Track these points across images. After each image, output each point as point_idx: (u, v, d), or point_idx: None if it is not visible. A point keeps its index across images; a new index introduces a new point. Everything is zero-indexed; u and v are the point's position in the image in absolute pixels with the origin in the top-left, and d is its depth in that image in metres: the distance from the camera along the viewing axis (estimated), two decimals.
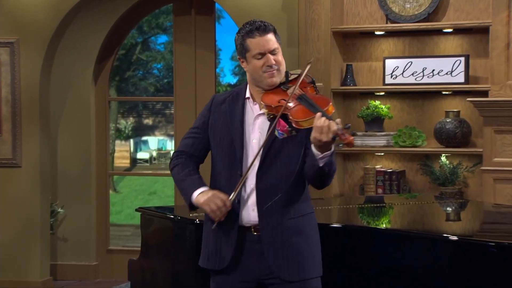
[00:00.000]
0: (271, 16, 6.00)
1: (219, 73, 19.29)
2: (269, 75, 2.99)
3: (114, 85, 15.77)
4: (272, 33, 3.03)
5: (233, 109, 3.06)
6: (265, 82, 3.00)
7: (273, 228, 2.96)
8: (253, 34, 3.00)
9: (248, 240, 3.00)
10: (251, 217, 3.00)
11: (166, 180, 16.20)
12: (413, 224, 4.21)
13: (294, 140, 2.96)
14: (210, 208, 2.93)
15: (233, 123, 3.03)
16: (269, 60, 2.99)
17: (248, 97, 3.06)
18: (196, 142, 3.14)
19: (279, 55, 3.03)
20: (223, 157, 3.04)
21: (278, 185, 2.97)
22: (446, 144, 5.52)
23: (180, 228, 3.99)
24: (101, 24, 6.55)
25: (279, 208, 2.97)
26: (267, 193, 2.97)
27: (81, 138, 6.63)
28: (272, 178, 2.97)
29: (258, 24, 3.01)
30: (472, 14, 5.55)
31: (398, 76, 5.63)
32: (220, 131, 3.06)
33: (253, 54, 3.00)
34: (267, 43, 2.99)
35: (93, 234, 6.70)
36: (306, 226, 3.02)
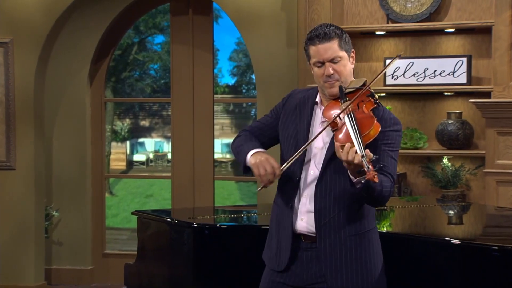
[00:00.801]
0: (270, 16, 6.01)
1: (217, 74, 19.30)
2: (329, 84, 2.99)
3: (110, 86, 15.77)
4: (336, 40, 2.99)
5: (303, 111, 3.06)
6: (326, 92, 3.01)
7: (330, 244, 2.96)
8: (314, 41, 2.98)
9: (300, 247, 3.02)
10: (298, 226, 3.01)
11: (163, 183, 16.21)
12: (415, 228, 4.21)
13: None
14: (258, 171, 2.95)
15: (300, 126, 3.04)
16: (326, 70, 2.97)
17: (317, 102, 3.07)
18: (264, 128, 3.18)
19: (340, 64, 3.00)
20: (288, 154, 3.04)
21: (336, 201, 2.96)
22: (448, 146, 5.52)
23: (178, 232, 3.99)
24: (96, 24, 6.55)
25: (337, 224, 2.96)
26: (325, 207, 2.96)
27: (76, 140, 6.63)
28: (330, 193, 2.96)
29: (319, 31, 2.98)
30: (474, 13, 5.56)
31: (399, 77, 5.64)
32: (288, 129, 3.07)
33: (313, 61, 3.00)
34: (325, 52, 2.97)
35: (89, 238, 6.70)
36: (367, 243, 3.00)
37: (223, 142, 19.85)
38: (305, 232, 3.00)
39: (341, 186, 2.93)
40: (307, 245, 3.00)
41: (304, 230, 3.00)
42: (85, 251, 6.69)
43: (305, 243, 3.00)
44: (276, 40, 6.02)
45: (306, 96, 3.12)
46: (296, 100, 3.12)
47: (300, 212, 3.00)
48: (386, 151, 2.94)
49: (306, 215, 2.99)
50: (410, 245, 3.50)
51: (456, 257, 3.34)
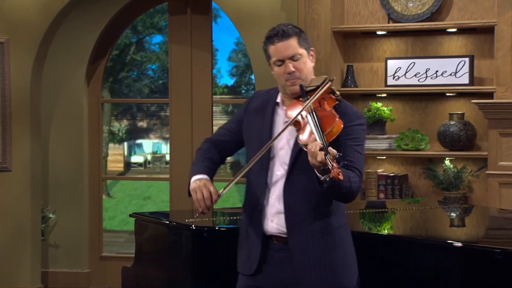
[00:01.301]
0: (270, 15, 6.01)
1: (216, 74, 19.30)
2: (290, 83, 3.00)
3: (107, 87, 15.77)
4: (295, 37, 3.00)
5: (264, 113, 3.09)
6: (288, 91, 3.02)
7: (302, 242, 2.98)
8: (273, 40, 3.00)
9: (272, 248, 3.04)
10: (269, 227, 3.03)
11: (161, 185, 16.20)
12: (416, 230, 4.21)
13: None
14: (195, 196, 2.99)
15: (263, 128, 3.06)
16: (287, 67, 2.99)
17: (278, 103, 3.09)
18: (227, 134, 3.20)
19: (300, 61, 3.00)
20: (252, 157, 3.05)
21: (305, 199, 2.98)
22: (450, 147, 5.52)
23: (176, 234, 3.99)
24: (94, 24, 6.55)
25: (308, 222, 2.98)
26: (294, 207, 2.98)
27: (73, 141, 6.63)
28: (298, 191, 2.98)
29: (278, 29, 3.00)
30: (476, 13, 5.56)
31: (401, 77, 5.64)
32: (252, 132, 3.10)
33: (273, 60, 3.02)
34: (286, 50, 2.98)
35: (86, 241, 6.70)
36: (337, 240, 3.03)
37: None
38: (276, 233, 3.02)
39: (309, 184, 2.94)
40: (279, 246, 3.02)
41: (274, 231, 3.02)
42: (82, 254, 6.69)
43: (277, 244, 3.03)
44: None
45: (267, 97, 3.14)
46: (258, 102, 3.15)
47: (270, 214, 3.03)
48: (351, 146, 2.95)
49: (276, 216, 3.01)
50: (412, 248, 3.50)
51: (458, 260, 3.34)
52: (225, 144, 3.21)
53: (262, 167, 3.02)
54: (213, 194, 2.97)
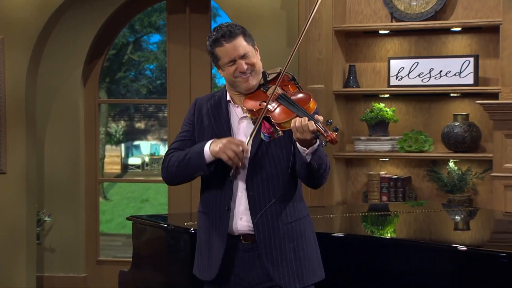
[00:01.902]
0: (270, 14, 6.01)
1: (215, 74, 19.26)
2: (243, 79, 3.03)
3: (104, 87, 15.76)
4: (241, 36, 3.05)
5: (217, 113, 3.11)
6: (242, 87, 3.05)
7: (269, 235, 3.01)
8: (220, 43, 3.03)
9: (239, 249, 3.05)
10: (238, 225, 3.04)
11: (159, 187, 16.19)
12: (420, 234, 4.21)
13: (281, 141, 3.01)
14: (227, 155, 2.94)
15: (219, 127, 3.08)
16: (240, 66, 3.02)
17: (229, 100, 3.12)
18: (187, 144, 3.16)
19: (252, 57, 3.05)
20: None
21: (270, 190, 3.02)
22: (454, 149, 5.52)
23: (174, 238, 3.99)
24: (90, 23, 6.55)
25: (273, 214, 3.02)
26: (259, 199, 3.01)
27: (69, 143, 6.63)
28: (262, 183, 3.01)
29: (223, 31, 3.03)
30: (481, 12, 5.56)
31: (404, 78, 5.64)
32: (206, 134, 3.10)
33: (224, 62, 3.04)
34: (236, 50, 3.02)
35: (82, 244, 6.70)
36: (302, 230, 3.07)
37: None
38: (246, 231, 3.02)
39: (273, 174, 3.00)
40: (248, 245, 3.03)
41: (245, 229, 3.03)
42: (78, 258, 6.68)
43: (246, 243, 3.04)
44: (276, 39, 6.02)
45: (214, 99, 3.15)
46: (205, 105, 3.16)
47: (238, 212, 3.03)
48: None
49: (245, 213, 3.03)
50: (415, 251, 3.50)
51: (462, 264, 3.34)
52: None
53: (224, 165, 3.00)
54: (241, 144, 2.94)
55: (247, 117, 3.04)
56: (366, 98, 5.87)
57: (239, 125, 3.08)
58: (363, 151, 5.70)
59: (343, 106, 5.85)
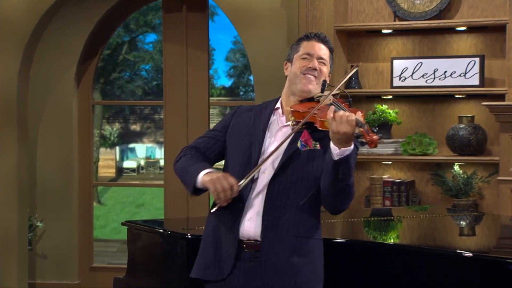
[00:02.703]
0: (270, 13, 6.01)
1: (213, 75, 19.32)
2: (306, 79, 3.08)
3: (98, 88, 15.78)
4: (329, 49, 3.15)
5: (258, 118, 3.14)
6: (300, 86, 3.09)
7: (274, 242, 2.99)
8: (310, 38, 3.15)
9: (242, 258, 3.03)
10: (245, 226, 3.02)
11: (154, 191, 16.21)
12: (424, 239, 4.21)
13: (314, 154, 3.01)
14: (214, 188, 2.95)
15: (255, 130, 3.10)
16: (313, 62, 3.09)
17: (278, 108, 3.15)
18: (211, 141, 3.19)
19: (325, 67, 3.12)
20: (238, 161, 3.07)
21: (289, 199, 3.00)
22: (460, 152, 5.53)
23: (170, 244, 3.99)
24: (84, 21, 6.55)
25: (284, 223, 3.00)
26: (275, 206, 3.00)
27: (62, 146, 6.63)
28: (284, 191, 3.00)
29: (321, 34, 3.17)
30: (487, 10, 5.57)
31: (407, 78, 5.64)
32: (240, 136, 3.12)
33: (300, 54, 3.13)
34: (320, 50, 3.12)
35: (75, 250, 6.69)
36: (310, 249, 3.04)
37: None
38: (251, 236, 3.01)
39: (297, 184, 3.00)
40: (250, 254, 3.02)
41: (251, 232, 3.01)
42: (71, 264, 6.68)
43: (248, 252, 3.02)
44: (275, 39, 6.03)
45: (262, 105, 3.20)
46: (248, 110, 3.20)
47: (249, 212, 3.02)
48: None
49: (256, 215, 3.02)
50: (419, 258, 3.50)
51: (468, 271, 3.34)
52: (208, 151, 3.19)
53: (251, 163, 3.02)
54: (234, 184, 2.94)
55: (288, 126, 3.07)
56: (368, 100, 5.87)
57: (277, 133, 3.09)
58: (365, 154, 5.70)
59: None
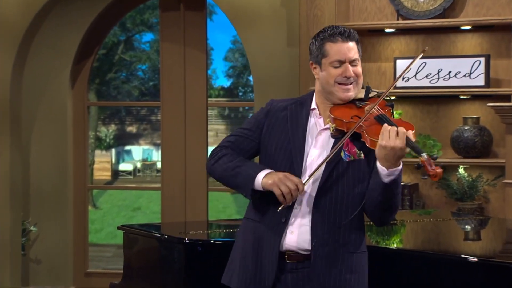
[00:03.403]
0: (269, 11, 6.02)
1: (211, 75, 19.34)
2: (343, 89, 2.99)
3: (93, 89, 15.78)
4: (355, 42, 3.03)
5: (296, 118, 3.04)
6: (337, 96, 3.00)
7: (327, 259, 2.95)
8: (335, 39, 2.99)
9: (284, 268, 2.98)
10: (286, 239, 2.97)
11: (151, 195, 16.20)
12: (428, 244, 4.21)
13: (360, 164, 2.95)
14: (280, 191, 2.88)
15: (294, 134, 3.01)
16: (347, 71, 2.98)
17: (314, 108, 3.05)
18: (244, 142, 3.09)
19: (359, 67, 3.02)
20: (277, 169, 2.99)
21: (337, 214, 2.95)
22: (464, 154, 5.53)
23: (168, 248, 3.98)
24: (79, 20, 6.55)
25: (335, 239, 2.96)
26: (323, 221, 2.95)
27: (56, 148, 6.62)
28: (330, 205, 2.95)
29: (342, 29, 3.01)
30: (493, 9, 5.57)
31: (411, 79, 5.64)
32: (278, 139, 3.03)
33: (330, 60, 2.99)
34: (349, 51, 2.99)
35: (70, 255, 6.69)
36: (359, 265, 3.00)
37: None
38: (294, 249, 2.97)
39: (343, 197, 2.94)
40: (292, 265, 2.97)
41: (293, 245, 2.96)
42: (66, 270, 6.68)
43: (290, 263, 2.97)
44: (275, 38, 6.03)
45: (296, 102, 3.09)
46: (282, 107, 3.09)
47: (292, 226, 2.98)
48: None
49: (298, 228, 2.97)
50: (423, 263, 3.50)
51: (473, 276, 3.34)
52: (241, 152, 3.09)
53: (294, 171, 2.95)
54: (298, 183, 2.88)
55: (328, 130, 2.98)
56: None
57: (317, 137, 3.00)
58: None
59: None
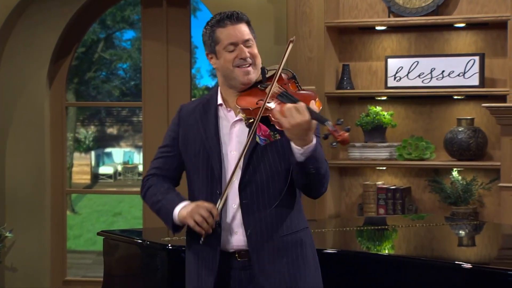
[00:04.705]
0: (256, 8, 6.02)
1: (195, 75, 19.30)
2: (243, 71, 3.02)
3: (72, 89, 15.74)
4: (245, 23, 3.06)
5: (204, 119, 3.08)
6: (239, 80, 3.03)
7: (262, 247, 2.99)
8: (224, 23, 3.03)
9: (233, 267, 3.03)
10: (233, 241, 3.02)
11: (133, 199, 16.16)
12: (420, 250, 4.22)
13: (277, 145, 2.98)
14: (194, 221, 2.94)
15: (207, 135, 3.05)
16: (242, 52, 3.01)
17: (221, 104, 3.09)
18: (168, 161, 3.16)
19: (254, 47, 3.06)
20: (200, 176, 3.06)
21: (265, 199, 2.99)
22: (458, 156, 5.54)
23: (150, 255, 3.98)
24: (57, 17, 6.53)
25: (268, 225, 2.99)
26: (253, 209, 2.99)
27: (33, 150, 6.60)
28: (257, 191, 2.99)
29: (229, 13, 3.05)
30: (488, 6, 5.59)
31: (403, 78, 5.66)
32: (193, 146, 3.08)
33: (224, 45, 3.03)
34: (240, 33, 3.03)
35: (47, 263, 6.67)
36: (299, 244, 3.04)
37: None
38: (242, 247, 3.01)
39: (269, 181, 2.98)
40: (244, 263, 3.02)
41: (241, 244, 3.00)
42: (43, 277, 6.66)
43: (241, 261, 3.02)
44: (262, 36, 6.00)
45: (203, 101, 3.13)
46: (190, 111, 3.14)
47: (232, 226, 3.01)
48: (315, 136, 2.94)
49: (240, 226, 3.00)
50: (416, 269, 3.51)
51: (468, 283, 3.35)
52: (169, 172, 3.16)
53: (214, 176, 3.01)
54: (212, 209, 2.93)
55: (241, 120, 3.02)
56: (361, 101, 5.88)
57: (231, 131, 3.04)
58: (358, 159, 5.71)
59: (336, 110, 5.86)
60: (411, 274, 3.52)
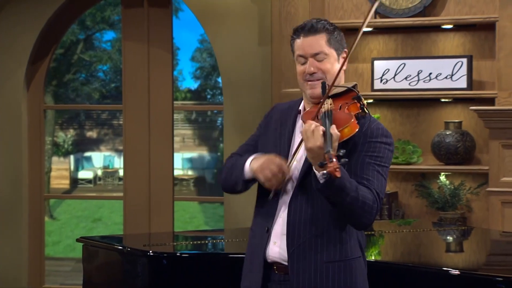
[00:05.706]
0: (239, 8, 6.02)
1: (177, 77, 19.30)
2: (309, 86, 3.02)
3: (50, 91, 15.70)
4: (324, 34, 3.03)
5: (284, 121, 3.10)
6: (307, 94, 3.04)
7: (303, 271, 2.94)
8: (298, 34, 3.06)
9: (272, 279, 3.01)
10: (270, 251, 3.01)
11: (113, 204, 16.14)
12: (407, 256, 4.23)
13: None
14: (264, 176, 2.93)
15: (281, 137, 3.07)
16: (308, 67, 3.01)
17: (300, 110, 3.10)
18: (249, 149, 3.17)
19: (326, 62, 3.02)
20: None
21: (313, 220, 2.95)
22: (446, 161, 5.56)
23: (131, 262, 3.97)
24: (34, 18, 6.52)
25: (312, 248, 2.95)
26: (299, 228, 2.95)
27: (10, 154, 6.58)
28: (306, 210, 2.95)
29: (306, 23, 3.06)
30: (476, 7, 5.61)
31: (389, 81, 5.67)
32: (268, 146, 3.09)
33: (295, 56, 3.06)
34: (309, 46, 3.02)
35: (25, 270, 6.64)
36: (347, 274, 2.96)
37: (185, 156, 19.82)
38: (277, 259, 2.99)
39: (319, 202, 2.92)
40: (280, 277, 3.00)
41: (276, 256, 2.99)
42: (21, 285, 6.63)
43: (278, 274, 3.00)
44: (246, 37, 6.03)
45: (288, 106, 3.15)
46: (278, 112, 3.16)
47: (274, 235, 3.00)
48: (371, 164, 2.93)
49: (280, 238, 2.99)
50: (403, 276, 3.51)
51: None
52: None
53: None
54: (282, 165, 2.92)
55: None
56: None
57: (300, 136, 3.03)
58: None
59: None
60: (398, 280, 3.52)
